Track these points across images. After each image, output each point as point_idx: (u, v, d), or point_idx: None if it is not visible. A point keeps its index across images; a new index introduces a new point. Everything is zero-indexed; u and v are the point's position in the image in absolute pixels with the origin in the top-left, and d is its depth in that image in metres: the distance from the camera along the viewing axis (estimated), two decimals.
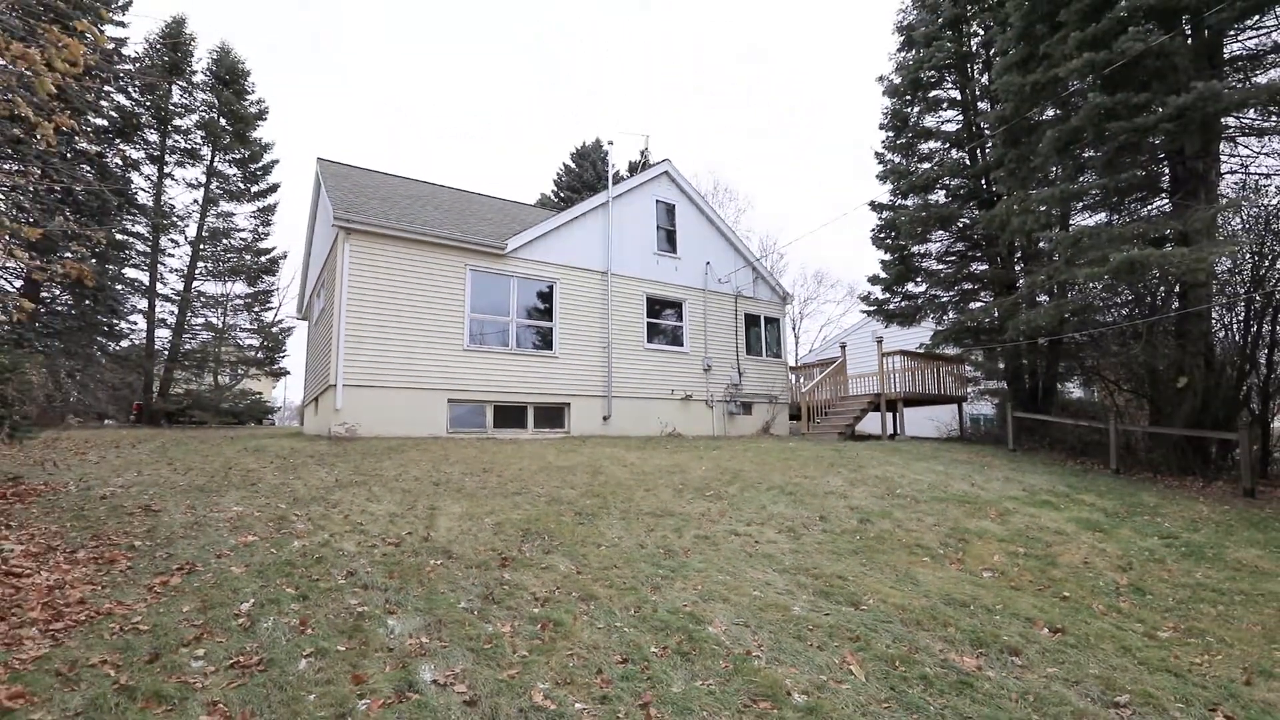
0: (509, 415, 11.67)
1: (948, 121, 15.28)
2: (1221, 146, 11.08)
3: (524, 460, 7.93)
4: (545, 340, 12.36)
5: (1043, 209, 11.08)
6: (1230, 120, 10.81)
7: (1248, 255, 10.80)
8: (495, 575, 4.07)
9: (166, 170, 19.23)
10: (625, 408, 12.98)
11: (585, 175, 32.66)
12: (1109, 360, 12.23)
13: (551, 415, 12.25)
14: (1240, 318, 11.22)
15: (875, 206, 15.56)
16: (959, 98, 15.03)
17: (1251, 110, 10.47)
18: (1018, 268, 13.57)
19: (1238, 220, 11.14)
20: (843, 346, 15.40)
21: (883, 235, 15.18)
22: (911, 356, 14.06)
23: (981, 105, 14.57)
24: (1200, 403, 10.32)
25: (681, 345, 14.29)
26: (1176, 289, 10.60)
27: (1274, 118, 10.66)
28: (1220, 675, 3.25)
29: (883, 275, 15.03)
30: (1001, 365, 13.56)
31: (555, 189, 33.95)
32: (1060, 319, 11.11)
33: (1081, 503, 7.07)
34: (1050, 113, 11.83)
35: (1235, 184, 11.52)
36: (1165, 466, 10.20)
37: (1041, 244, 12.39)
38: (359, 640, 3.09)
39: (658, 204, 14.52)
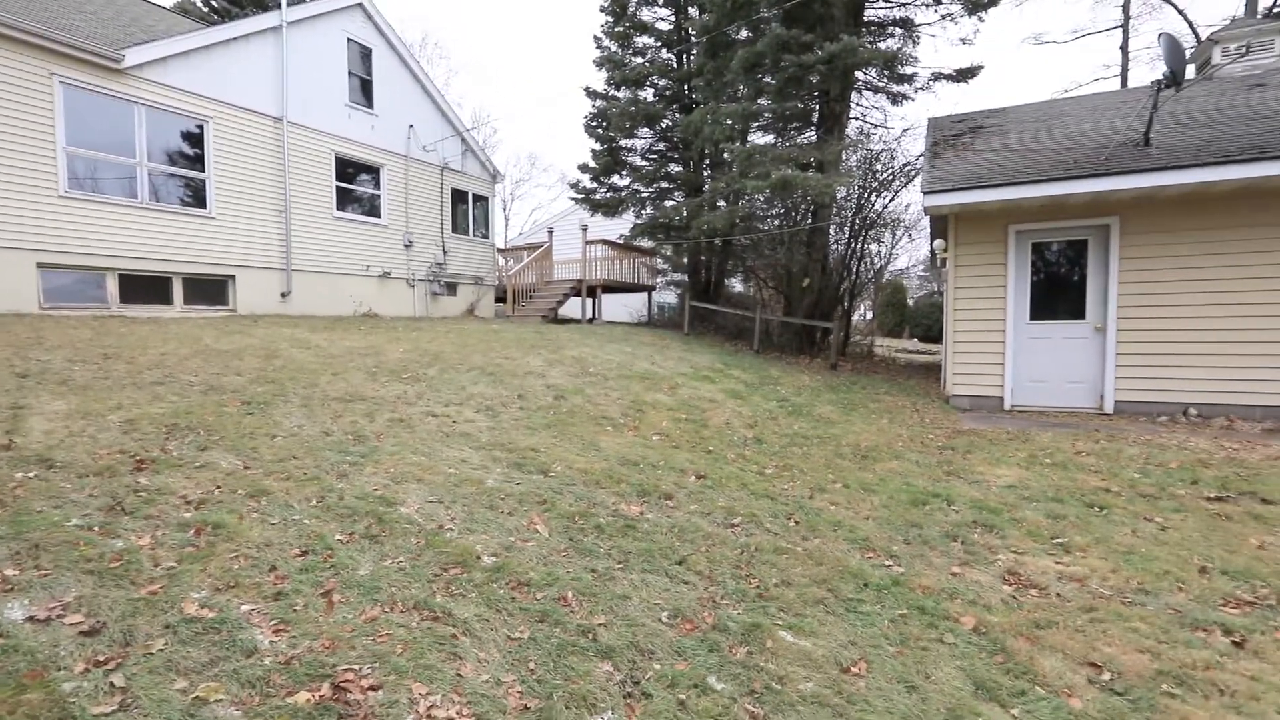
0: (145, 288, 9.27)
1: (662, 20, 15.79)
2: (853, 96, 13.76)
3: (169, 344, 6.47)
4: (197, 195, 9.89)
5: (729, 123, 12.48)
6: (860, 75, 13.41)
7: (856, 187, 13.95)
8: (127, 482, 3.34)
9: None
10: (310, 284, 11.39)
11: None
12: (762, 261, 14.91)
13: (209, 289, 10.12)
14: (846, 235, 14.63)
15: (590, 93, 15.63)
16: None
17: (873, 69, 13.12)
18: (706, 173, 15.27)
19: (855, 159, 14.18)
20: (550, 232, 15.72)
21: (594, 124, 15.44)
22: (612, 246, 15.10)
23: (692, 11, 15.34)
24: (816, 299, 13.39)
25: (379, 217, 12.89)
26: (811, 208, 13.22)
27: (885, 79, 13.55)
28: (797, 495, 4.49)
29: (592, 164, 15.47)
30: (685, 260, 15.47)
31: None
32: (732, 223, 12.99)
33: (731, 377, 8.74)
34: (745, 34, 13.07)
35: (857, 129, 14.55)
36: (790, 348, 13.16)
37: (725, 155, 14.06)
38: None
39: (350, 43, 12.26)
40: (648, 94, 15.54)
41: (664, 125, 15.41)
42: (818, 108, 13.38)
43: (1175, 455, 5.34)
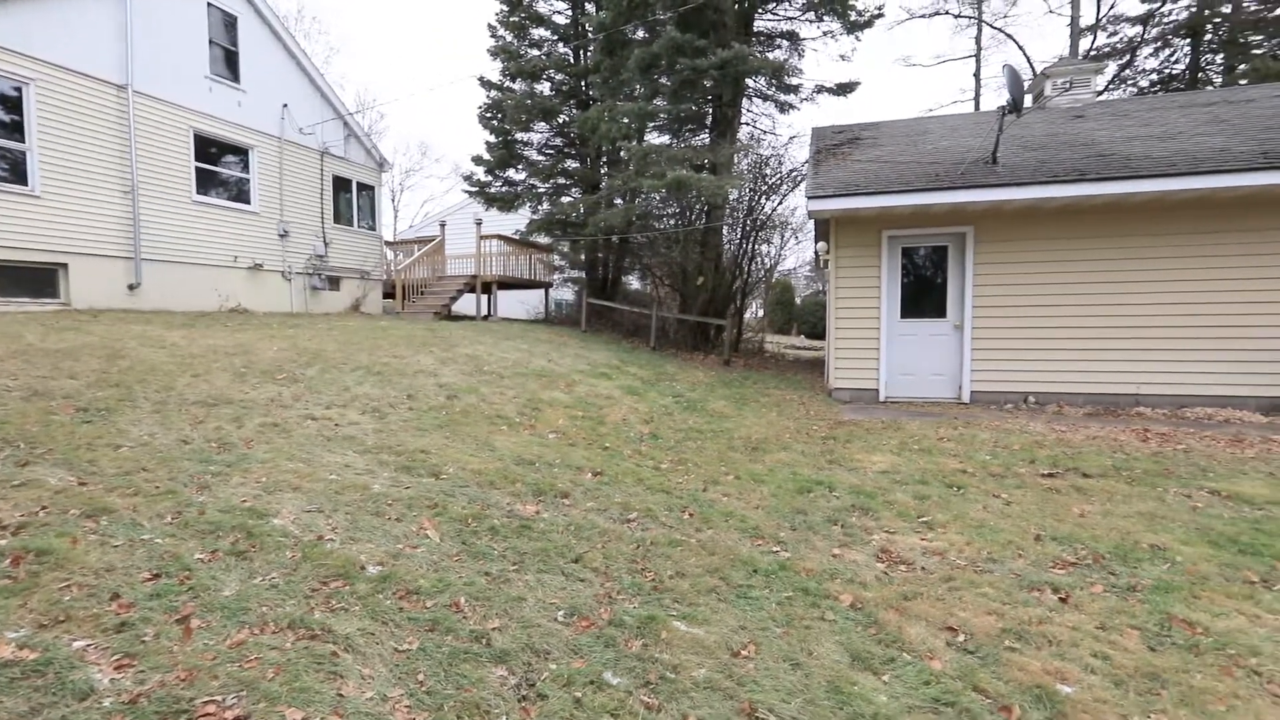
0: None
1: (559, 13, 15.61)
2: (744, 103, 14.33)
3: None
4: (16, 170, 8.59)
5: (626, 121, 12.57)
6: (751, 82, 13.98)
7: (748, 190, 14.53)
8: None
9: None
10: (166, 275, 10.24)
11: None
12: (658, 260, 15.17)
13: (33, 279, 8.82)
14: (738, 236, 15.21)
15: (485, 83, 15.19)
16: None
17: (762, 78, 13.72)
18: (603, 171, 15.29)
19: (746, 162, 14.75)
20: (442, 225, 15.12)
21: (489, 116, 15.04)
22: (508, 241, 14.76)
23: (589, 7, 15.28)
24: (710, 297, 13.82)
25: (249, 203, 11.81)
26: (705, 208, 13.62)
27: (774, 88, 14.22)
28: (691, 488, 4.62)
29: (487, 157, 15.05)
30: (583, 257, 15.43)
31: None
32: (629, 220, 13.12)
33: (628, 373, 8.83)
34: (641, 34, 13.22)
35: (747, 134, 15.16)
36: (685, 344, 13.49)
37: (622, 153, 14.17)
38: None
39: (211, 8, 11.12)
40: (544, 88, 15.32)
41: (561, 120, 15.27)
42: (711, 111, 13.81)
43: (1018, 438, 6.03)
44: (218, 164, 11.29)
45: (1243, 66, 18.27)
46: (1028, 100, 11.20)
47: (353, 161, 14.03)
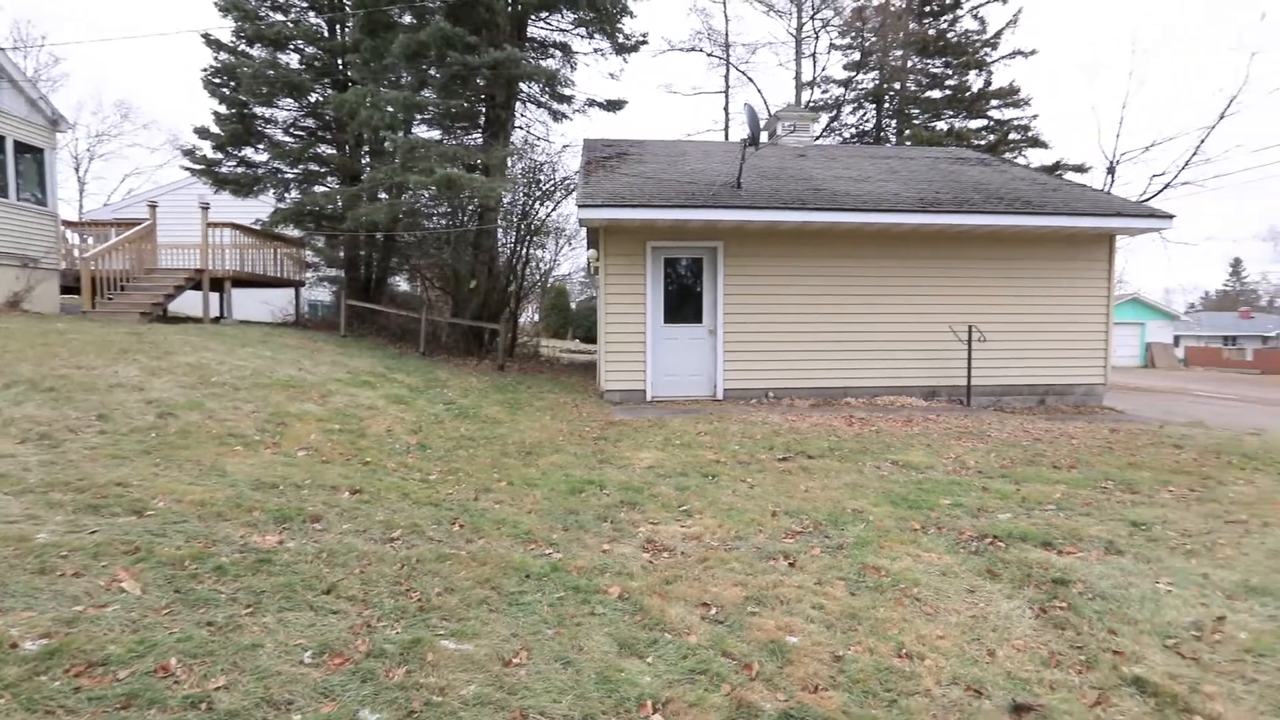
0: None
1: None
2: (519, 107, 14.27)
3: None
4: None
5: (390, 110, 11.67)
6: (525, 87, 13.99)
7: (522, 194, 14.51)
8: None
9: None
10: None
11: None
12: (428, 260, 14.37)
13: None
14: (513, 240, 15.10)
15: (212, 43, 12.90)
16: None
17: (536, 84, 13.83)
18: (364, 160, 13.99)
19: (520, 166, 14.72)
20: (153, 206, 12.42)
21: (218, 82, 12.83)
22: (246, 232, 12.67)
23: None
24: (483, 301, 13.49)
25: None
26: (479, 209, 13.25)
27: (548, 96, 14.41)
28: (462, 498, 4.44)
29: (215, 130, 12.80)
30: (342, 254, 13.94)
31: None
32: (394, 217, 12.20)
33: (394, 381, 8.18)
34: (408, 19, 12.36)
35: (522, 138, 15.14)
36: (457, 349, 12.96)
37: (386, 144, 13.11)
38: None
39: None
40: (292, 59, 13.49)
41: (313, 99, 13.58)
42: (484, 111, 13.49)
43: (760, 429, 6.94)
44: None
45: (908, 132, 23.55)
46: (764, 136, 12.99)
47: (7, 113, 10.82)
